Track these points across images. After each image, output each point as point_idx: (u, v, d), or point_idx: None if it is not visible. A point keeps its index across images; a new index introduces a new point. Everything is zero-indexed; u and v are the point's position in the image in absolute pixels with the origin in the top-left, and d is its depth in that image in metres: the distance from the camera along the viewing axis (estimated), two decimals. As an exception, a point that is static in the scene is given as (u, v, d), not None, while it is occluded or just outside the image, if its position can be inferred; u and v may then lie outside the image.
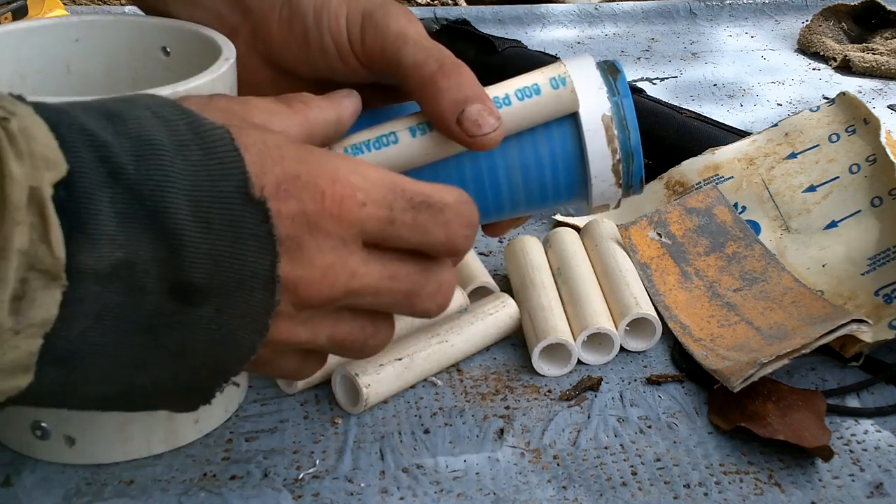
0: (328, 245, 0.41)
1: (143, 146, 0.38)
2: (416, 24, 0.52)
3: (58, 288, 0.35)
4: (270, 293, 0.40)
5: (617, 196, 0.52)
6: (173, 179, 0.37)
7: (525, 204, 0.52)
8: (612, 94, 0.50)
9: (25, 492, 0.51)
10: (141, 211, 0.37)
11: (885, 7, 1.19)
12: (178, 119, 0.39)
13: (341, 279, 0.42)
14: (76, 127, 0.37)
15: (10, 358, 0.35)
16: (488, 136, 0.48)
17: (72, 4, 1.32)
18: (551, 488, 0.52)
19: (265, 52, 0.55)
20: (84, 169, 0.36)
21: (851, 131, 0.71)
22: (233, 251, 0.39)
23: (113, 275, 0.36)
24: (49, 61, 0.56)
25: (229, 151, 0.39)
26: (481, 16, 1.24)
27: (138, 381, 0.40)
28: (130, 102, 0.40)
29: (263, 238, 0.39)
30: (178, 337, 0.39)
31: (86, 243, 0.35)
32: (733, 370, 0.57)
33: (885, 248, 0.64)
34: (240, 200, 0.39)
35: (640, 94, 0.88)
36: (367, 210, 0.42)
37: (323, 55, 0.53)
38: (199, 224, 0.38)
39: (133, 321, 0.38)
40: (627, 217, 0.74)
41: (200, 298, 0.38)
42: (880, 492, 0.52)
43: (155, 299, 0.38)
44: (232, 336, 0.40)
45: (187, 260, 0.38)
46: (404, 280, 0.44)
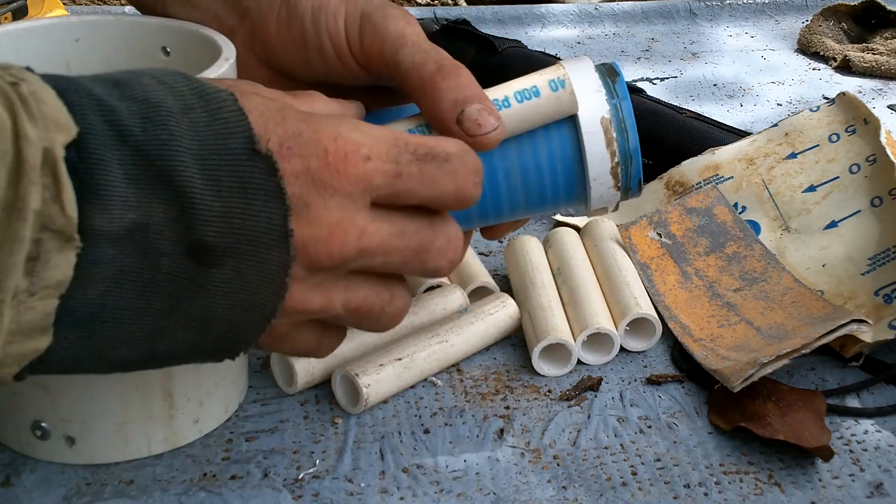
0: (335, 202, 0.41)
1: (150, 109, 0.38)
2: (414, 25, 0.52)
3: (72, 249, 0.35)
4: (285, 249, 0.40)
5: (615, 199, 0.52)
6: (180, 139, 0.38)
7: (524, 207, 0.52)
8: (610, 97, 0.50)
9: (25, 492, 0.51)
10: (150, 172, 0.37)
11: (885, 7, 1.19)
12: (182, 85, 0.40)
13: (351, 237, 0.42)
14: (83, 92, 0.37)
15: (27, 319, 0.36)
16: (489, 136, 0.48)
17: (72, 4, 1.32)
18: (551, 488, 0.52)
19: (263, 54, 0.55)
20: (93, 131, 0.36)
21: (851, 131, 0.71)
22: (244, 207, 0.39)
23: (127, 237, 0.37)
24: (49, 61, 0.56)
25: (234, 111, 0.40)
26: (481, 16, 1.24)
27: (160, 347, 0.40)
28: (135, 72, 0.40)
29: (273, 192, 0.39)
30: (199, 302, 0.39)
31: (98, 205, 0.36)
32: (733, 370, 0.57)
33: (885, 248, 0.64)
34: (247, 156, 0.39)
35: (640, 94, 0.88)
36: (372, 164, 0.42)
37: (321, 56, 0.53)
38: (209, 182, 0.38)
39: (151, 285, 0.38)
40: (627, 217, 0.74)
41: (217, 259, 0.39)
42: (880, 492, 0.52)
43: (171, 261, 0.38)
44: (252, 298, 0.40)
45: (200, 219, 0.38)
46: (413, 236, 0.44)
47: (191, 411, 0.54)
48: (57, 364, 0.38)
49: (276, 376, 0.59)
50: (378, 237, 0.43)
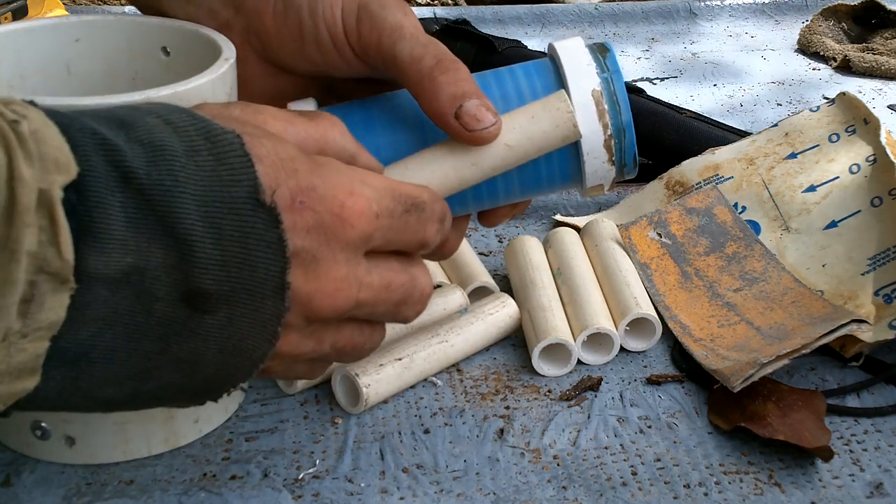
0: (343, 257, 0.42)
1: (155, 151, 0.38)
2: (411, 17, 0.52)
3: (66, 291, 0.35)
4: (280, 300, 0.40)
5: (611, 174, 0.51)
6: (184, 185, 0.38)
7: (519, 188, 0.52)
8: (601, 71, 0.50)
9: (25, 492, 0.51)
10: (152, 216, 0.37)
11: (885, 7, 1.19)
12: (188, 125, 0.39)
13: (353, 291, 0.42)
14: (88, 131, 0.37)
15: (18, 360, 0.35)
16: (487, 131, 0.48)
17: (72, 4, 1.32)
18: (551, 488, 0.52)
19: (259, 47, 0.55)
20: (95, 172, 0.36)
21: (851, 131, 0.71)
22: (243, 257, 0.39)
23: (123, 280, 0.36)
24: (49, 61, 0.56)
25: (240, 157, 0.39)
26: (481, 16, 1.24)
27: (146, 387, 0.40)
28: (141, 110, 0.40)
29: (274, 244, 0.39)
30: (189, 346, 0.39)
31: (96, 247, 0.36)
32: (733, 370, 0.57)
33: (885, 248, 0.64)
34: (250, 206, 0.39)
35: (640, 94, 0.88)
36: (378, 221, 0.42)
37: (318, 47, 0.53)
38: (210, 230, 0.38)
39: (143, 328, 0.38)
40: (627, 217, 0.74)
41: (211, 305, 0.39)
42: (880, 492, 0.52)
43: (165, 306, 0.38)
44: (242, 345, 0.40)
45: (198, 266, 0.38)
46: (398, 290, 0.45)
47: (191, 411, 0.54)
48: (42, 402, 0.38)
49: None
50: (371, 290, 0.43)
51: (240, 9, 0.55)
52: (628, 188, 0.78)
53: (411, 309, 0.46)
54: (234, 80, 0.52)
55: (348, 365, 0.57)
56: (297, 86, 0.57)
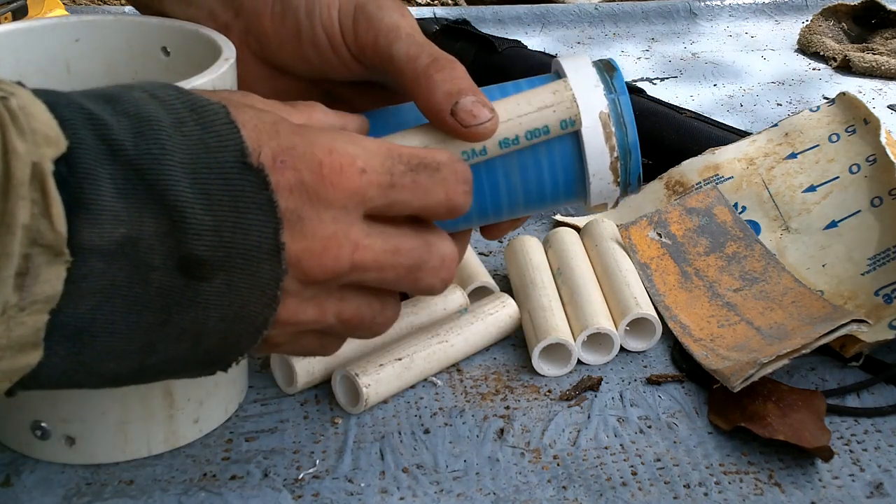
0: (329, 215, 0.41)
1: (142, 123, 0.38)
2: (408, 18, 0.52)
3: (62, 264, 0.35)
4: (277, 262, 0.40)
5: (615, 194, 0.52)
6: (171, 153, 0.38)
7: (523, 205, 0.52)
8: (608, 92, 0.50)
9: (25, 492, 0.51)
10: (141, 186, 0.37)
11: (885, 7, 1.19)
12: (174, 98, 0.40)
13: (345, 251, 0.41)
14: (75, 106, 0.37)
15: (17, 334, 0.36)
16: (483, 126, 0.48)
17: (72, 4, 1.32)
18: (551, 488, 0.52)
19: (258, 49, 0.55)
20: (84, 146, 0.36)
21: (851, 131, 0.71)
22: (235, 221, 0.39)
23: (118, 251, 0.36)
24: (49, 61, 0.56)
25: (226, 124, 0.39)
26: (481, 16, 1.24)
27: (151, 360, 0.40)
28: (127, 86, 0.40)
29: (264, 205, 0.39)
30: (190, 315, 0.39)
31: (88, 219, 0.36)
32: (733, 370, 0.57)
33: (885, 248, 0.64)
34: (238, 170, 0.39)
35: (640, 94, 0.88)
36: (367, 177, 0.42)
37: (315, 49, 0.53)
38: (200, 196, 0.38)
39: (142, 299, 0.38)
40: (627, 217, 0.74)
41: (208, 272, 0.39)
42: (880, 492, 0.52)
43: (162, 276, 0.38)
44: (243, 311, 0.40)
45: (191, 233, 0.38)
46: (407, 254, 0.44)
47: (191, 411, 0.54)
48: (47, 379, 0.38)
49: (276, 376, 0.59)
50: (372, 252, 0.42)
51: (239, 11, 0.55)
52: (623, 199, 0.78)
53: (432, 276, 0.45)
54: (234, 80, 0.52)
55: (348, 365, 0.57)
56: (296, 89, 0.57)
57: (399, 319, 0.61)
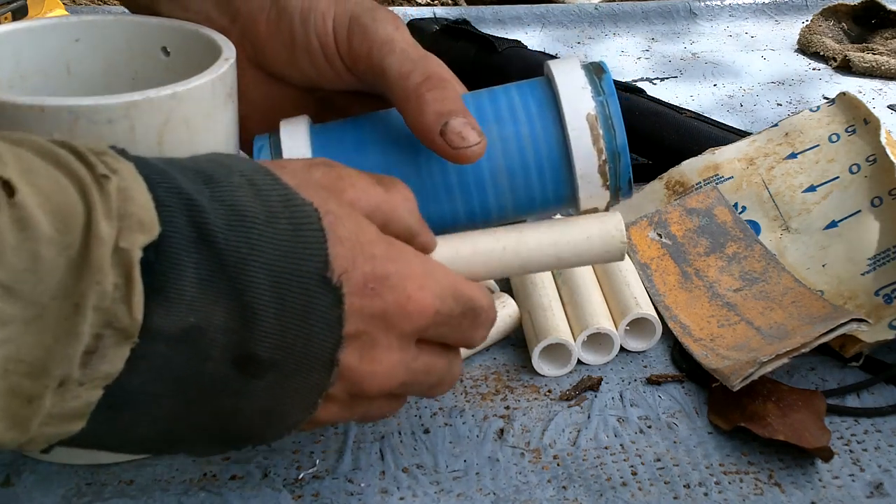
0: (398, 344, 0.43)
1: (236, 214, 0.38)
2: (403, 31, 0.52)
3: (128, 345, 0.35)
4: (327, 375, 0.41)
5: (605, 198, 0.51)
6: (259, 253, 0.38)
7: (512, 209, 0.52)
8: (596, 94, 0.50)
9: (25, 492, 0.51)
10: (223, 279, 0.37)
11: (885, 7, 1.19)
12: (271, 189, 0.40)
13: (400, 374, 0.43)
14: (174, 189, 0.37)
15: (71, 406, 0.36)
16: (471, 149, 0.48)
17: (72, 4, 1.32)
18: (551, 488, 0.52)
19: (253, 55, 0.55)
20: (177, 233, 0.36)
21: (851, 131, 0.71)
22: (300, 330, 0.39)
23: (182, 338, 0.37)
24: (49, 61, 0.56)
25: (315, 231, 0.40)
26: (481, 16, 1.24)
27: (179, 427, 0.40)
28: (227, 168, 0.40)
29: (333, 322, 0.40)
30: (231, 402, 0.40)
31: (163, 306, 0.36)
32: (733, 369, 0.57)
33: (885, 248, 0.64)
34: (316, 282, 0.39)
35: (640, 95, 0.88)
36: (437, 317, 0.44)
37: (309, 57, 0.53)
38: (275, 301, 0.38)
39: (191, 381, 0.38)
40: (627, 217, 0.74)
41: (261, 371, 0.39)
42: (880, 492, 0.52)
43: (216, 365, 0.38)
44: (281, 409, 0.41)
45: (258, 333, 0.38)
46: (435, 374, 0.46)
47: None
48: (79, 442, 0.38)
49: (276, 376, 0.59)
50: (414, 374, 0.45)
51: (235, 16, 0.55)
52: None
53: (441, 390, 0.48)
54: (234, 80, 0.52)
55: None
56: (290, 97, 0.57)
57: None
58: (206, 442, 0.42)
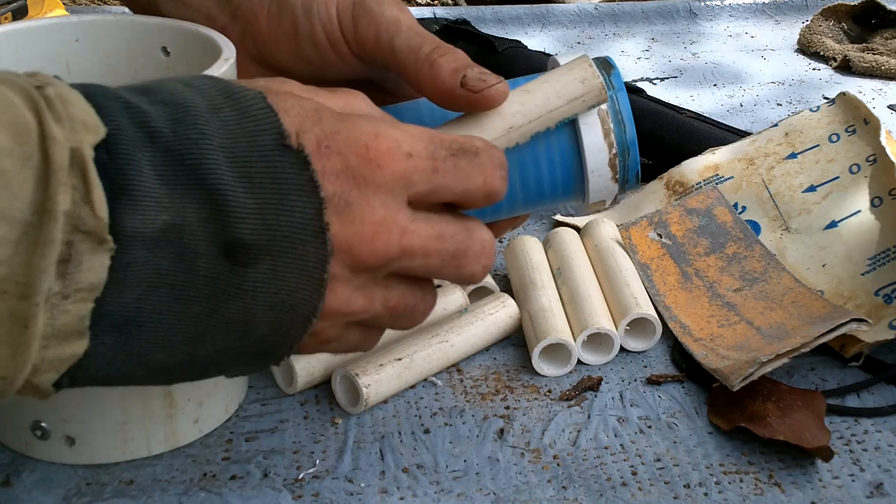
0: (378, 200, 0.41)
1: (179, 110, 0.38)
2: (407, 12, 0.52)
3: (105, 252, 0.35)
4: (322, 243, 0.40)
5: (613, 191, 0.52)
6: (210, 138, 0.38)
7: (522, 202, 0.52)
8: (607, 89, 0.50)
9: (25, 492, 0.51)
10: (181, 172, 0.37)
11: (885, 7, 1.19)
12: (210, 87, 0.40)
13: (395, 235, 0.41)
14: (111, 95, 0.37)
15: (62, 322, 0.35)
16: (494, 88, 0.48)
17: (72, 4, 1.32)
18: (551, 488, 0.52)
19: (255, 51, 0.55)
20: (122, 132, 0.36)
21: (851, 131, 0.71)
22: (277, 203, 0.39)
23: (162, 239, 0.36)
24: (49, 61, 0.56)
25: (263, 109, 0.39)
26: (481, 16, 1.24)
27: (201, 352, 0.40)
28: (162, 79, 0.40)
29: (306, 186, 0.39)
30: (237, 304, 0.39)
31: (130, 206, 0.36)
32: (733, 369, 0.57)
33: (885, 248, 0.64)
34: (277, 151, 0.39)
35: (640, 94, 0.88)
36: (412, 161, 0.42)
37: (314, 47, 0.53)
38: (241, 179, 0.38)
39: (189, 288, 0.37)
40: (627, 217, 0.74)
41: (253, 257, 0.38)
42: (880, 492, 0.52)
43: (207, 263, 0.38)
44: (291, 298, 0.40)
45: (234, 216, 0.38)
46: (451, 239, 0.44)
47: (191, 411, 0.54)
48: (95, 370, 0.38)
49: (276, 376, 0.59)
50: (419, 237, 0.42)
51: (236, 14, 0.55)
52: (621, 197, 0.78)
53: (474, 262, 0.45)
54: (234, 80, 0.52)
55: (348, 364, 0.57)
56: None
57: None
58: (234, 360, 0.41)
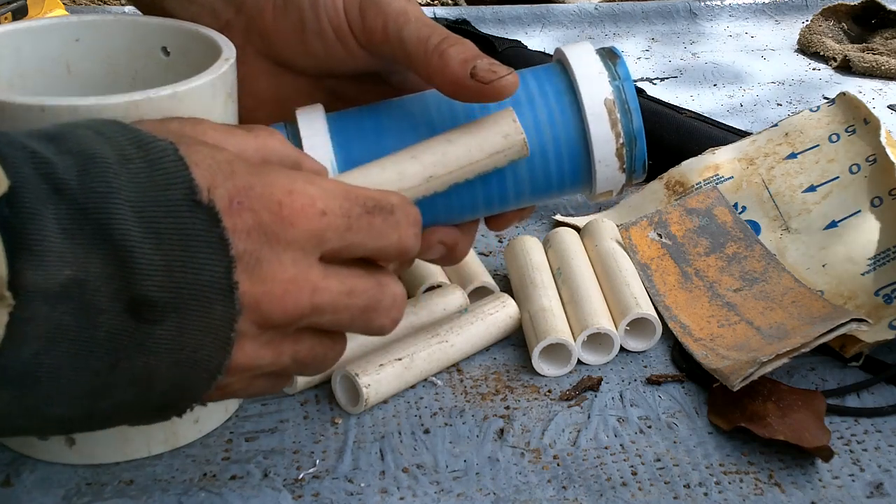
0: (289, 257, 0.40)
1: (86, 161, 0.37)
2: (414, 3, 0.52)
3: (4, 308, 0.34)
4: (230, 302, 0.39)
5: (621, 181, 0.52)
6: (118, 191, 0.36)
7: (530, 193, 0.52)
8: (613, 79, 0.50)
9: (25, 492, 0.51)
10: (87, 226, 0.36)
11: (885, 7, 1.19)
12: (120, 136, 0.38)
13: (305, 294, 0.41)
14: (17, 145, 0.36)
15: None
16: (505, 79, 0.47)
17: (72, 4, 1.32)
18: (551, 488, 0.52)
19: (261, 45, 0.55)
20: (27, 185, 0.35)
21: (851, 131, 0.71)
22: (185, 260, 0.37)
23: (63, 294, 0.35)
24: (49, 61, 0.56)
25: (174, 161, 0.38)
26: (481, 16, 1.24)
27: (101, 405, 0.39)
28: (72, 125, 0.39)
29: (215, 244, 0.38)
30: (140, 360, 0.38)
31: (32, 261, 0.34)
32: (733, 369, 0.57)
33: (885, 248, 0.64)
34: (187, 207, 0.38)
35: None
36: (326, 219, 0.41)
37: (321, 40, 0.53)
38: (149, 234, 0.37)
39: (89, 343, 0.36)
40: (627, 217, 0.74)
41: (158, 315, 0.37)
42: (880, 492, 0.52)
43: (110, 319, 0.36)
44: (196, 355, 0.39)
45: (139, 273, 0.36)
46: (362, 295, 0.43)
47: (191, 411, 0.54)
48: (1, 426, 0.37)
49: (276, 376, 0.59)
50: (329, 294, 0.42)
51: (240, 7, 0.55)
52: (629, 188, 0.78)
53: (384, 316, 0.44)
54: (234, 80, 0.52)
55: (348, 364, 0.57)
56: (299, 86, 0.57)
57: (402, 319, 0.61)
58: (136, 413, 0.40)
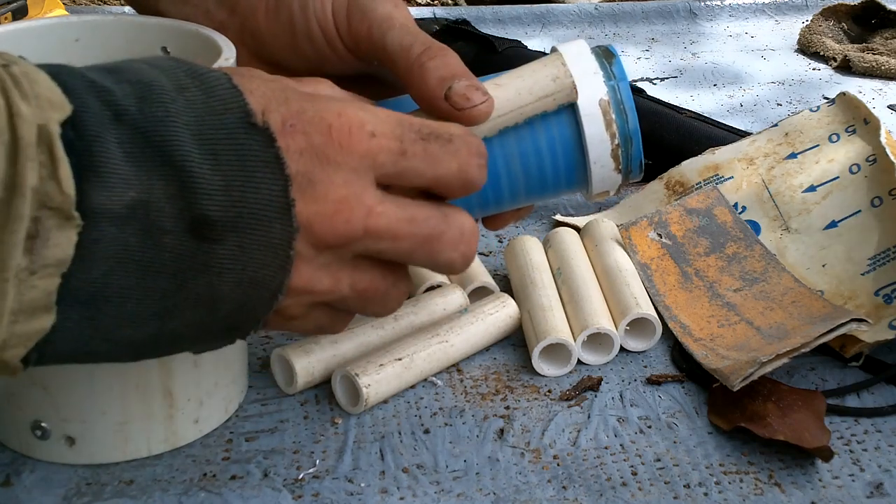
0: (340, 178, 0.41)
1: (144, 89, 0.38)
2: (402, 8, 0.52)
3: (72, 228, 0.35)
4: (288, 220, 0.40)
5: (617, 182, 0.52)
6: (176, 116, 0.38)
7: (525, 194, 0.52)
8: (608, 79, 0.50)
9: (25, 492, 0.51)
10: (148, 149, 0.37)
11: (885, 7, 1.19)
12: (176, 68, 0.40)
13: (357, 215, 0.41)
14: (77, 74, 0.38)
15: (29, 297, 0.36)
16: (477, 108, 0.48)
17: (72, 4, 1.32)
18: (551, 488, 0.52)
19: (254, 46, 0.56)
20: (89, 110, 0.36)
21: (851, 131, 0.71)
22: (243, 180, 0.39)
23: (129, 215, 0.37)
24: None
25: (228, 89, 0.40)
26: (481, 16, 1.24)
27: (168, 327, 0.40)
28: (128, 60, 0.41)
29: (272, 163, 0.39)
30: (204, 279, 0.39)
31: (97, 183, 0.36)
32: (733, 369, 0.57)
33: (885, 248, 0.64)
34: (243, 129, 0.39)
35: (640, 94, 0.88)
36: (376, 141, 0.42)
37: (310, 42, 0.54)
38: (207, 156, 0.38)
39: (156, 264, 0.38)
40: (627, 217, 0.74)
41: (219, 234, 0.39)
42: (880, 492, 0.52)
43: (174, 239, 0.38)
44: (257, 274, 0.40)
45: (200, 193, 0.38)
46: (423, 223, 0.43)
47: (191, 411, 0.54)
48: (62, 346, 0.38)
49: (276, 376, 0.59)
50: (386, 219, 0.42)
51: (234, 9, 0.56)
52: (628, 188, 0.78)
53: (450, 249, 0.44)
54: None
55: (348, 364, 0.57)
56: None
57: (399, 319, 0.61)
58: (202, 335, 0.42)
